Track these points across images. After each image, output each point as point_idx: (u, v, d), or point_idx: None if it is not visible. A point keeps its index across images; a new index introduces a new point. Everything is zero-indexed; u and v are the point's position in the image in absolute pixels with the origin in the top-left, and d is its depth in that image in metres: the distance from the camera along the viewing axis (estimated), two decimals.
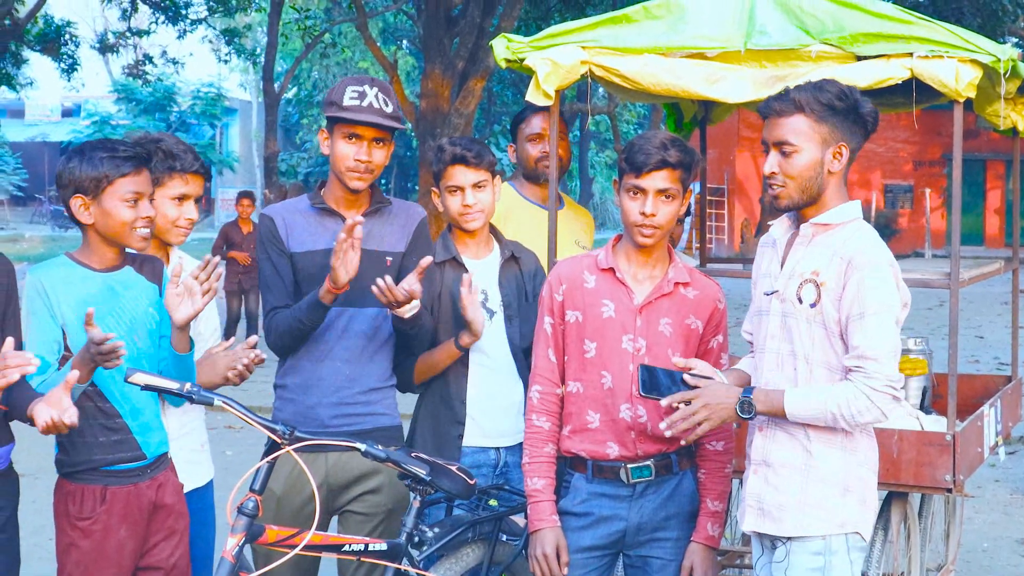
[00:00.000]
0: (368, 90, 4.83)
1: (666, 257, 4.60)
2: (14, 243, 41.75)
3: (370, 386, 4.91)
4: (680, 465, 4.61)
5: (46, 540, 5.76)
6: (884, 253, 4.12)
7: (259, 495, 4.18)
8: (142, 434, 4.46)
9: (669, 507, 4.59)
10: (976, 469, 5.54)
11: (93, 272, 4.43)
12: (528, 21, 22.65)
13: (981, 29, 20.96)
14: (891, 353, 4.05)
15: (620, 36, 5.44)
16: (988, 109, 5.62)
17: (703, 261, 7.54)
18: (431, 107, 20.05)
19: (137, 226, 4.39)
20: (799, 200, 4.15)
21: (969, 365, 15.53)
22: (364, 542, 4.44)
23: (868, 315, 4.03)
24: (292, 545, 4.23)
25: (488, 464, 5.20)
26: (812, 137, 4.09)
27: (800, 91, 4.12)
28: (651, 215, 4.43)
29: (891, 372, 4.03)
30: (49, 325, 4.35)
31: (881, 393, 4.02)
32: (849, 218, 4.17)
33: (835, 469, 4.15)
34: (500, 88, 46.15)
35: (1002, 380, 6.79)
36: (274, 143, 29.42)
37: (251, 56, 36.76)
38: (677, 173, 4.44)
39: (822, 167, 4.11)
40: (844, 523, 4.16)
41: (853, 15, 5.19)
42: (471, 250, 5.24)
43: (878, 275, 4.06)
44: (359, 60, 52.32)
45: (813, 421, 4.12)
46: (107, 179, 4.34)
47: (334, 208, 4.93)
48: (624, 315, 4.54)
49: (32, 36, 29.43)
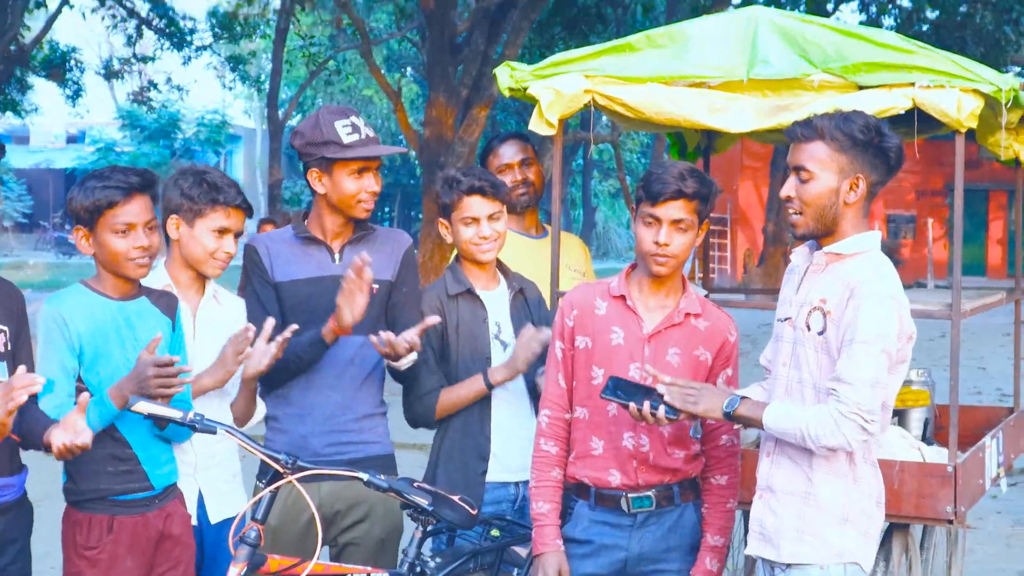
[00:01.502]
0: (356, 121, 4.85)
1: (680, 288, 4.61)
2: (18, 270, 41.72)
3: (362, 413, 4.90)
4: (682, 497, 4.60)
5: (49, 568, 5.74)
6: (889, 284, 4.09)
7: (261, 524, 4.17)
8: (151, 465, 4.45)
9: (670, 539, 4.58)
10: (978, 501, 5.52)
11: (109, 300, 4.43)
12: (532, 49, 22.70)
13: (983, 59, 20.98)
14: (868, 382, 4.01)
15: (623, 65, 5.44)
16: (990, 139, 5.62)
17: (706, 290, 7.53)
18: (435, 135, 20.06)
19: (132, 256, 4.36)
20: (814, 228, 4.16)
21: (971, 396, 15.51)
22: (366, 571, 4.44)
23: (856, 342, 4.01)
24: (294, 575, 4.22)
25: (508, 499, 5.17)
26: (829, 165, 4.10)
27: (824, 119, 4.13)
28: (665, 244, 4.45)
29: (863, 400, 3.99)
30: (66, 355, 4.34)
31: (848, 420, 3.99)
32: (863, 248, 4.16)
33: (835, 498, 4.15)
34: (504, 116, 46.21)
35: (1004, 411, 6.78)
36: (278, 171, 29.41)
37: (255, 83, 36.87)
38: (693, 204, 4.45)
39: (838, 197, 4.11)
40: (842, 553, 4.15)
41: (855, 44, 5.20)
42: (481, 282, 5.21)
43: (876, 304, 4.03)
44: (363, 87, 52.40)
45: (785, 436, 4.15)
46: (98, 210, 4.32)
47: (319, 237, 4.94)
48: (632, 343, 4.54)
49: (37, 62, 29.53)
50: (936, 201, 44.30)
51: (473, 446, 5.12)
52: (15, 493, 4.31)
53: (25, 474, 4.35)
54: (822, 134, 4.10)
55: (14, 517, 4.32)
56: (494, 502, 5.11)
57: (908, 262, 42.87)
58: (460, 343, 5.14)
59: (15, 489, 4.31)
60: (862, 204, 4.15)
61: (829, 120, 4.12)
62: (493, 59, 19.99)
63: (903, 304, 4.10)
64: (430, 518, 4.49)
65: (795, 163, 4.16)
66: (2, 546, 4.28)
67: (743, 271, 39.02)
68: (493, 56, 20.34)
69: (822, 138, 4.11)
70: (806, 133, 4.14)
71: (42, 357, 4.36)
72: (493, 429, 5.14)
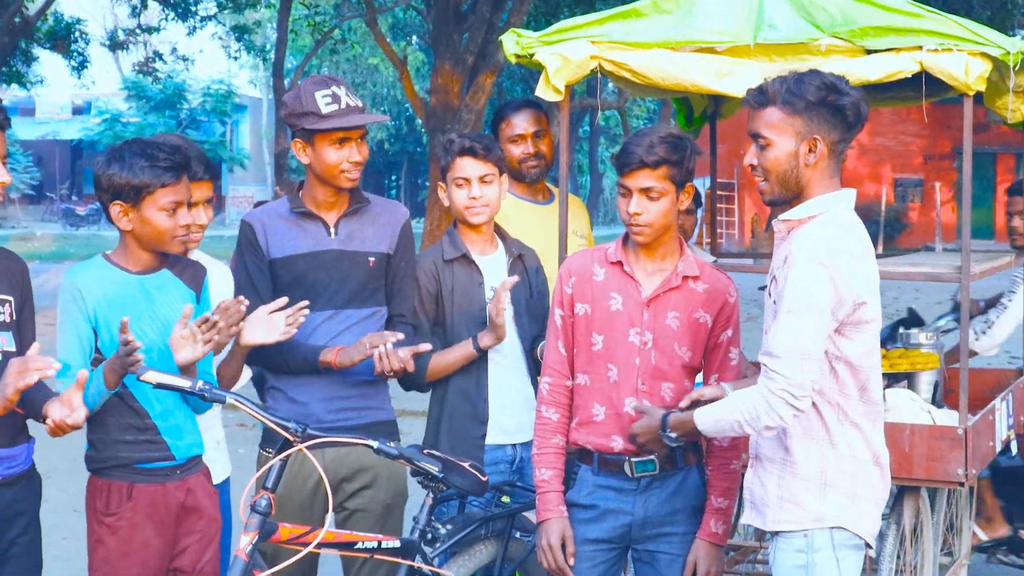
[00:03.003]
0: (338, 91, 4.82)
1: (676, 251, 4.59)
2: (25, 241, 41.80)
3: (363, 379, 4.91)
4: (685, 460, 4.59)
5: (60, 540, 5.77)
6: (821, 250, 3.92)
7: (272, 493, 4.19)
8: (171, 435, 4.46)
9: (675, 502, 4.59)
10: (988, 463, 5.54)
11: (129, 274, 4.44)
12: (538, 16, 22.62)
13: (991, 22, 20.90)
14: (792, 354, 3.89)
15: (630, 31, 5.44)
16: (998, 102, 5.61)
17: (714, 255, 7.53)
18: (441, 103, 20.05)
19: (177, 234, 4.42)
20: (780, 194, 4.07)
21: (980, 359, 15.47)
22: (376, 539, 4.45)
23: (782, 312, 3.92)
24: (305, 543, 4.24)
25: (505, 460, 5.21)
26: (785, 130, 4.01)
27: (775, 83, 4.05)
28: (636, 214, 4.43)
29: (791, 374, 3.88)
30: (83, 327, 4.37)
31: (777, 397, 3.90)
32: (818, 211, 4.03)
33: (813, 463, 4.06)
34: (510, 83, 46.15)
35: (1014, 374, 6.78)
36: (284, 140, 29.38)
37: (261, 53, 36.87)
38: (661, 171, 4.42)
39: (798, 160, 4.01)
40: (822, 518, 4.04)
41: (862, 8, 5.18)
42: (478, 247, 5.25)
43: (802, 272, 3.89)
44: (369, 56, 52.34)
45: (723, 433, 4.17)
46: (148, 188, 4.33)
47: (314, 211, 4.94)
48: (631, 308, 4.54)
49: (42, 34, 29.51)
50: (944, 165, 44.21)
51: (471, 410, 5.17)
52: (23, 465, 4.32)
53: (32, 445, 4.35)
54: (773, 99, 4.02)
55: (22, 489, 4.33)
56: (492, 463, 5.15)
57: (916, 226, 42.86)
58: (455, 307, 5.19)
59: (22, 460, 4.31)
60: (826, 164, 4.03)
61: (781, 84, 4.03)
62: (498, 27, 19.95)
63: (839, 269, 3.91)
64: (440, 485, 4.50)
65: (752, 130, 4.08)
66: (11, 518, 4.28)
67: (751, 236, 39.02)
68: (498, 24, 20.30)
69: (774, 103, 4.02)
70: (759, 99, 4.07)
71: (60, 328, 4.39)
72: (490, 392, 5.18)
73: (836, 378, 4.01)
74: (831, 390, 4.02)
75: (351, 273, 4.90)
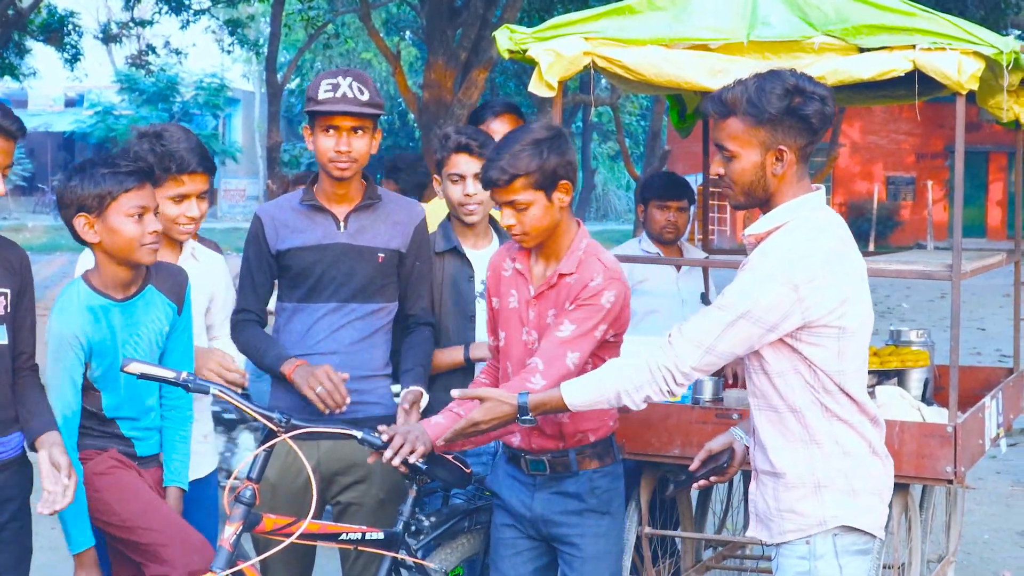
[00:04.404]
0: (342, 81, 4.82)
1: (565, 249, 4.51)
2: (17, 232, 41.69)
3: (363, 374, 4.90)
4: (580, 464, 4.55)
5: (48, 529, 5.77)
6: (782, 266, 3.77)
7: (256, 483, 4.19)
8: (134, 435, 4.55)
9: (569, 504, 4.56)
10: (977, 461, 5.55)
11: (113, 303, 4.46)
12: (531, 12, 22.59)
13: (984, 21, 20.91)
14: (704, 345, 3.82)
15: (623, 27, 5.44)
16: (991, 101, 5.63)
17: (706, 252, 7.54)
18: (434, 98, 20.02)
19: (146, 241, 4.38)
20: (746, 202, 3.95)
21: (971, 357, 15.54)
22: (361, 530, 4.46)
23: (716, 305, 3.84)
24: (288, 533, 4.24)
25: (488, 453, 5.24)
26: (749, 142, 3.84)
27: (736, 90, 3.86)
28: (511, 226, 4.42)
29: (686, 357, 3.84)
30: (76, 370, 4.42)
31: (660, 372, 3.87)
32: (783, 221, 3.88)
33: (800, 469, 3.93)
34: (503, 79, 46.08)
35: (1004, 372, 6.80)
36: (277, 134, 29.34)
37: (254, 46, 36.70)
38: (519, 184, 4.34)
39: (764, 170, 3.86)
40: (824, 521, 3.92)
41: (856, 7, 5.20)
42: (470, 240, 5.27)
43: (757, 281, 3.79)
44: (362, 51, 52.25)
45: (594, 406, 4.06)
46: (110, 195, 4.32)
47: (324, 205, 4.95)
48: (522, 307, 4.56)
49: (35, 26, 29.41)
50: (936, 163, 44.23)
51: None
52: (13, 451, 4.33)
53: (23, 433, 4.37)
54: (735, 108, 3.85)
55: (12, 475, 4.35)
56: (476, 455, 5.17)
57: (908, 224, 42.88)
58: (444, 300, 5.22)
59: (13, 447, 4.33)
60: (794, 171, 3.87)
61: (742, 92, 3.84)
62: (492, 22, 19.93)
63: (807, 279, 3.75)
64: (424, 477, 4.50)
65: (716, 141, 3.93)
66: (1, 503, 4.31)
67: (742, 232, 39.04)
68: (492, 19, 20.28)
69: (735, 113, 3.85)
70: (720, 110, 3.87)
71: (52, 373, 4.42)
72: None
73: (816, 378, 3.86)
74: (804, 391, 3.88)
75: (358, 268, 4.89)
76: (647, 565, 5.88)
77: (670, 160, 35.23)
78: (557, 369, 4.30)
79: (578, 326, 4.36)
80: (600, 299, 4.39)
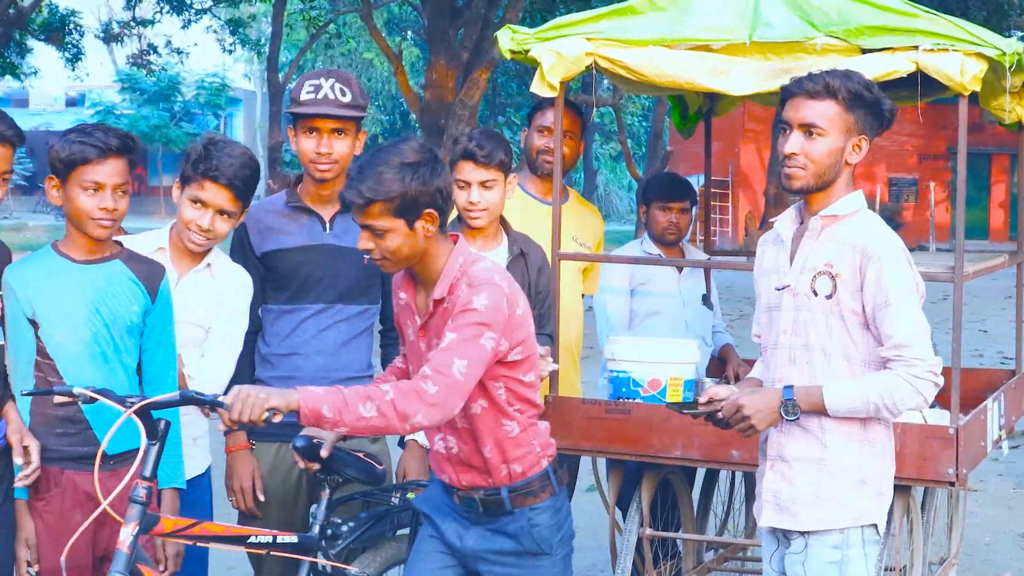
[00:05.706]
0: (324, 82, 4.83)
1: (438, 274, 4.14)
2: (17, 232, 41.70)
3: (345, 376, 4.87)
4: (513, 503, 4.21)
5: None
6: (895, 240, 4.14)
7: (151, 481, 4.03)
8: (103, 430, 4.28)
9: (504, 543, 4.26)
10: (979, 463, 5.54)
11: (71, 263, 4.39)
12: (533, 12, 22.61)
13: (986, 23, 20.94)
14: (922, 336, 4.06)
15: (625, 28, 5.43)
16: (993, 103, 5.61)
17: (708, 253, 7.53)
18: (436, 98, 20.03)
19: (96, 216, 4.30)
20: (814, 185, 4.13)
21: (973, 359, 15.52)
22: (272, 534, 4.31)
23: (893, 302, 4.03)
24: (190, 536, 4.13)
25: None
26: (839, 124, 4.10)
27: (833, 77, 4.10)
28: (369, 250, 4.09)
29: (927, 356, 4.05)
30: (20, 322, 4.35)
31: (923, 380, 4.04)
32: (855, 208, 4.18)
33: (851, 461, 4.15)
34: (505, 79, 46.16)
35: (1006, 374, 6.78)
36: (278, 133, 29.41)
37: (256, 46, 36.76)
38: (374, 210, 3.99)
39: (841, 156, 4.13)
40: (861, 516, 4.16)
41: (858, 8, 5.18)
42: (478, 243, 5.22)
43: (894, 262, 4.07)
44: (364, 51, 52.27)
45: (854, 414, 4.10)
46: (72, 164, 4.29)
47: (309, 206, 4.95)
48: (417, 338, 4.25)
49: (36, 25, 29.43)
50: (939, 165, 44.25)
51: None
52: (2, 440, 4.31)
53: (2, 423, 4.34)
54: (834, 92, 4.08)
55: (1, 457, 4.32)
56: None
57: (910, 225, 42.86)
58: None
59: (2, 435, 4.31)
60: (855, 165, 4.20)
61: (837, 78, 4.09)
62: (494, 22, 19.94)
63: (910, 257, 4.16)
64: (336, 477, 4.43)
65: (803, 119, 4.09)
66: None
67: (744, 233, 39.03)
68: (494, 19, 20.29)
69: (834, 96, 4.09)
70: (817, 90, 4.10)
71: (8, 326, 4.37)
72: None
73: None
74: None
75: (344, 269, 4.89)
76: (648, 567, 5.87)
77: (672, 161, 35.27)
78: (444, 379, 3.89)
79: (459, 333, 3.96)
80: (471, 305, 3.99)
